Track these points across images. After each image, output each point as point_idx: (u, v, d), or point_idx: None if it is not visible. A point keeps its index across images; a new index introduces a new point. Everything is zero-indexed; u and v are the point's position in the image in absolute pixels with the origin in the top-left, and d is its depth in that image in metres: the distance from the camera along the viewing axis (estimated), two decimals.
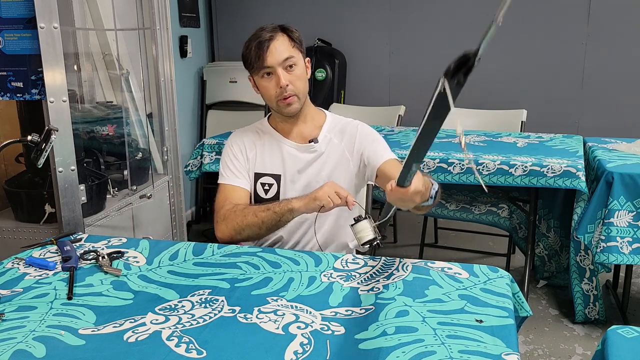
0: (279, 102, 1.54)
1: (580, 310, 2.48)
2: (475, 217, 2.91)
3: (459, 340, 1.01)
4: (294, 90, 1.53)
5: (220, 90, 4.06)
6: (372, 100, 4.00)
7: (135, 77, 2.69)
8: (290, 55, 1.51)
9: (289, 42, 1.52)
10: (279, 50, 1.50)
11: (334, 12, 4.12)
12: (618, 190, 2.20)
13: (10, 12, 1.81)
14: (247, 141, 1.67)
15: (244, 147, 1.66)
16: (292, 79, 1.52)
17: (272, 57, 1.49)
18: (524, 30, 3.80)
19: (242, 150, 1.66)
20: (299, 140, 1.64)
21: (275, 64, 1.50)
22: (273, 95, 1.54)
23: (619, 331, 1.06)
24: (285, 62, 1.50)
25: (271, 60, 1.49)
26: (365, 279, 1.28)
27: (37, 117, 1.92)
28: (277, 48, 1.50)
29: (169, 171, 2.71)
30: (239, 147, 1.66)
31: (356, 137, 1.64)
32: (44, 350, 1.00)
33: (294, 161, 1.62)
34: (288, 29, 1.55)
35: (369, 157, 1.61)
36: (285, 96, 1.53)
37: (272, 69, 1.50)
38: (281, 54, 1.50)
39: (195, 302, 1.18)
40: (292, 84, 1.52)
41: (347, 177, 1.63)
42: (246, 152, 1.65)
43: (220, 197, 1.61)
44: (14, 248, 1.50)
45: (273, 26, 1.53)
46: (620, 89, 3.72)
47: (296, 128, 1.63)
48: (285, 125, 1.64)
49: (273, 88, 1.53)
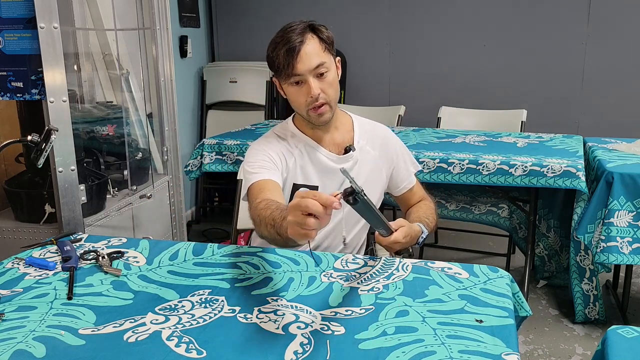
0: (309, 111, 1.44)
1: (580, 310, 2.48)
2: (475, 217, 2.91)
3: (459, 340, 1.01)
4: (326, 99, 1.43)
5: (220, 90, 4.07)
6: (372, 100, 4.00)
7: (135, 77, 2.69)
8: (321, 62, 1.40)
9: (319, 45, 1.41)
10: (310, 56, 1.38)
11: (334, 13, 4.12)
12: (618, 190, 2.20)
13: (10, 12, 1.81)
14: (282, 148, 1.52)
15: (282, 155, 1.51)
16: (324, 86, 1.41)
17: (302, 65, 1.38)
18: (524, 30, 3.80)
19: (280, 157, 1.50)
20: (334, 149, 1.54)
21: (306, 71, 1.39)
22: (303, 104, 1.44)
23: (619, 331, 1.06)
24: (316, 69, 1.40)
25: (302, 68, 1.38)
26: (365, 279, 1.28)
27: (37, 117, 1.92)
28: (308, 53, 1.38)
29: (169, 171, 2.71)
30: (277, 153, 1.51)
31: (389, 147, 1.59)
32: (44, 350, 1.00)
33: (331, 172, 1.52)
34: (318, 29, 1.42)
35: (401, 176, 1.61)
36: (317, 105, 1.42)
37: (303, 77, 1.40)
38: (312, 60, 1.39)
39: (195, 302, 1.18)
40: (324, 92, 1.42)
41: (378, 186, 1.59)
42: (286, 160, 1.51)
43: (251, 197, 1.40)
44: (14, 248, 1.50)
45: (303, 26, 1.40)
46: (620, 89, 3.72)
47: (329, 135, 1.53)
48: (316, 132, 1.52)
49: (303, 96, 1.42)
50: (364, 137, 1.57)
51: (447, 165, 2.43)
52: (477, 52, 3.90)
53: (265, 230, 1.24)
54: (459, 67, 3.93)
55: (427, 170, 2.45)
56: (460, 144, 2.70)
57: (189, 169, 2.83)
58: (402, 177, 1.63)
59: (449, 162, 2.43)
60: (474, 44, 3.90)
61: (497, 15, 3.84)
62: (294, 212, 0.97)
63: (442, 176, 2.44)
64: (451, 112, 3.41)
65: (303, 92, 1.42)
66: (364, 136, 1.58)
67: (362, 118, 1.65)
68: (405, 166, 1.63)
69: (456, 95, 3.84)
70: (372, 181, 1.56)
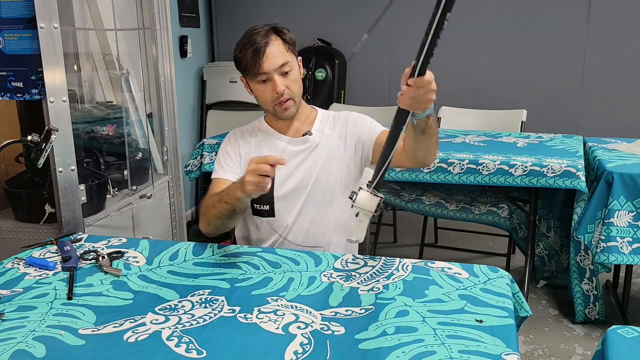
0: (275, 106, 1.57)
1: (580, 310, 2.48)
2: (475, 217, 2.91)
3: (459, 340, 1.01)
4: (291, 94, 1.56)
5: (220, 90, 4.06)
6: (372, 100, 4.00)
7: (135, 77, 2.69)
8: (286, 61, 1.53)
9: (283, 45, 1.54)
10: (275, 56, 1.51)
11: (334, 12, 4.12)
12: (618, 190, 2.20)
13: (10, 12, 1.81)
14: (241, 139, 1.70)
15: (237, 145, 1.68)
16: (288, 83, 1.54)
17: (268, 64, 1.51)
18: (524, 30, 3.80)
19: (235, 149, 1.68)
20: (294, 135, 1.66)
21: (271, 70, 1.51)
22: (269, 100, 1.56)
23: (619, 331, 1.06)
24: (281, 68, 1.52)
25: (268, 67, 1.51)
26: (365, 279, 1.28)
27: (37, 117, 1.92)
28: (273, 53, 1.51)
29: (169, 171, 2.71)
30: (232, 145, 1.69)
31: (348, 122, 1.66)
32: (44, 350, 1.00)
33: (288, 156, 1.62)
34: (281, 31, 1.56)
35: (363, 135, 1.63)
36: (282, 101, 1.55)
37: (269, 75, 1.52)
38: (277, 60, 1.52)
39: (195, 302, 1.18)
40: (289, 88, 1.55)
41: (342, 166, 1.63)
42: (239, 150, 1.68)
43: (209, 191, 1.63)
44: (14, 248, 1.50)
45: (267, 28, 1.53)
46: (620, 89, 3.72)
47: (291, 125, 1.66)
48: (279, 123, 1.66)
49: (270, 93, 1.55)
50: (325, 123, 1.68)
51: (447, 165, 2.43)
52: (477, 52, 3.90)
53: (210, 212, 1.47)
54: (459, 67, 3.92)
55: (427, 170, 2.45)
56: (460, 144, 2.70)
57: (189, 169, 2.83)
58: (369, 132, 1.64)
59: (449, 162, 2.43)
60: (474, 44, 3.90)
61: (497, 15, 3.84)
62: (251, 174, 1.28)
63: (442, 176, 2.44)
64: (451, 112, 3.41)
65: (269, 89, 1.54)
66: (326, 122, 1.68)
67: (330, 111, 1.74)
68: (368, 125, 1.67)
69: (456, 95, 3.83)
70: (332, 159, 1.63)
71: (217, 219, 1.48)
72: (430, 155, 1.49)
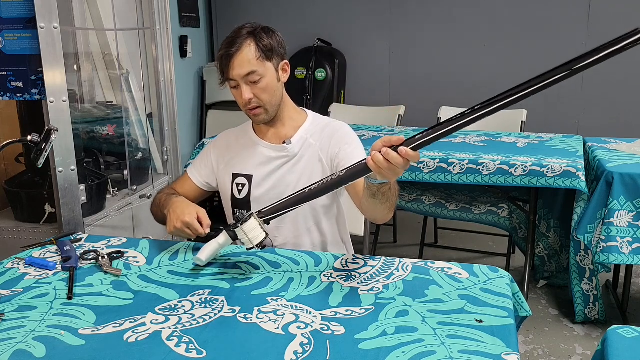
0: (247, 111, 1.56)
1: (580, 310, 2.48)
2: (475, 217, 2.91)
3: (459, 340, 1.01)
4: (259, 103, 1.52)
5: (220, 90, 4.00)
6: (372, 100, 4.00)
7: (135, 77, 2.69)
8: (252, 70, 1.48)
9: (254, 53, 1.48)
10: (242, 65, 1.47)
11: (334, 12, 4.12)
12: (618, 190, 2.20)
13: (10, 12, 1.81)
14: (225, 142, 1.70)
15: (222, 153, 1.68)
16: (256, 92, 1.50)
17: (234, 72, 1.49)
18: (524, 30, 3.80)
19: (216, 155, 1.69)
20: (275, 141, 1.62)
21: (238, 78, 1.49)
22: (241, 104, 1.55)
23: (619, 331, 1.06)
24: (247, 77, 1.48)
25: (234, 74, 1.49)
26: (365, 279, 1.28)
27: (37, 117, 1.92)
28: (241, 62, 1.47)
29: (169, 171, 2.71)
30: (218, 149, 1.70)
31: (333, 137, 1.59)
32: (44, 350, 1.00)
33: (266, 162, 1.61)
34: (259, 36, 1.50)
35: (343, 160, 1.54)
36: (250, 108, 1.53)
37: (236, 82, 1.50)
38: (243, 68, 1.47)
39: (195, 302, 1.18)
40: (257, 97, 1.51)
41: (317, 173, 1.58)
42: (221, 152, 1.68)
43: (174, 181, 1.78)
44: (14, 248, 1.50)
45: (248, 31, 1.50)
46: (620, 89, 3.72)
47: (273, 129, 1.63)
48: (262, 127, 1.64)
49: (240, 98, 1.53)
50: (310, 132, 1.62)
51: (447, 165, 2.43)
52: (477, 52, 3.90)
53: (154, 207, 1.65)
54: (459, 67, 3.92)
55: (427, 170, 2.45)
56: (460, 144, 2.70)
57: None
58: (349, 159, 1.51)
59: (449, 162, 2.43)
60: (474, 44, 3.90)
61: (497, 15, 3.84)
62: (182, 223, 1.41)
63: (442, 176, 2.44)
64: (451, 112, 3.41)
65: (239, 94, 1.53)
66: (311, 130, 1.62)
67: (326, 118, 1.68)
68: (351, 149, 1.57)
69: (456, 95, 3.84)
70: (310, 170, 1.59)
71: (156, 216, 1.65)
72: (378, 218, 1.39)
